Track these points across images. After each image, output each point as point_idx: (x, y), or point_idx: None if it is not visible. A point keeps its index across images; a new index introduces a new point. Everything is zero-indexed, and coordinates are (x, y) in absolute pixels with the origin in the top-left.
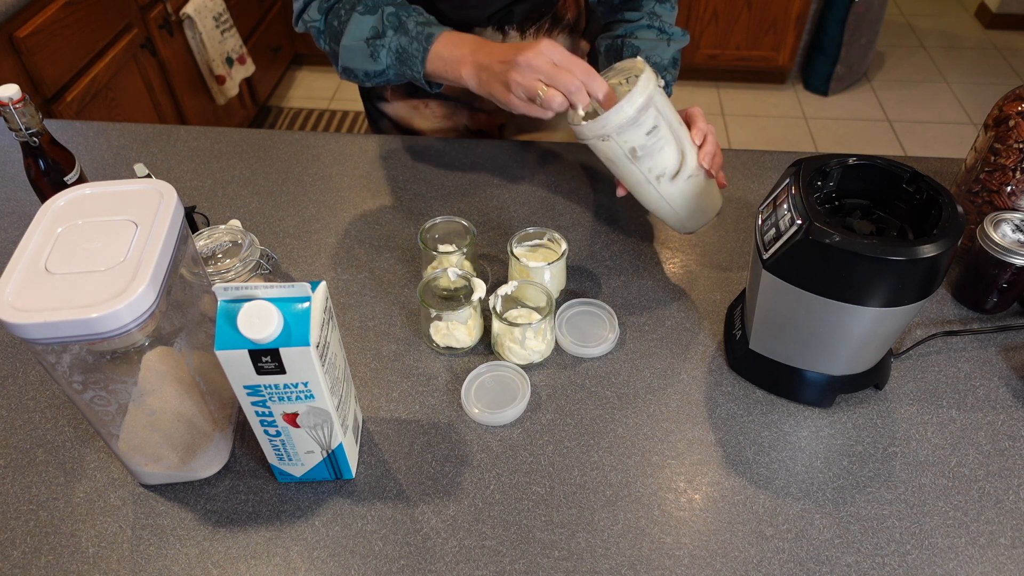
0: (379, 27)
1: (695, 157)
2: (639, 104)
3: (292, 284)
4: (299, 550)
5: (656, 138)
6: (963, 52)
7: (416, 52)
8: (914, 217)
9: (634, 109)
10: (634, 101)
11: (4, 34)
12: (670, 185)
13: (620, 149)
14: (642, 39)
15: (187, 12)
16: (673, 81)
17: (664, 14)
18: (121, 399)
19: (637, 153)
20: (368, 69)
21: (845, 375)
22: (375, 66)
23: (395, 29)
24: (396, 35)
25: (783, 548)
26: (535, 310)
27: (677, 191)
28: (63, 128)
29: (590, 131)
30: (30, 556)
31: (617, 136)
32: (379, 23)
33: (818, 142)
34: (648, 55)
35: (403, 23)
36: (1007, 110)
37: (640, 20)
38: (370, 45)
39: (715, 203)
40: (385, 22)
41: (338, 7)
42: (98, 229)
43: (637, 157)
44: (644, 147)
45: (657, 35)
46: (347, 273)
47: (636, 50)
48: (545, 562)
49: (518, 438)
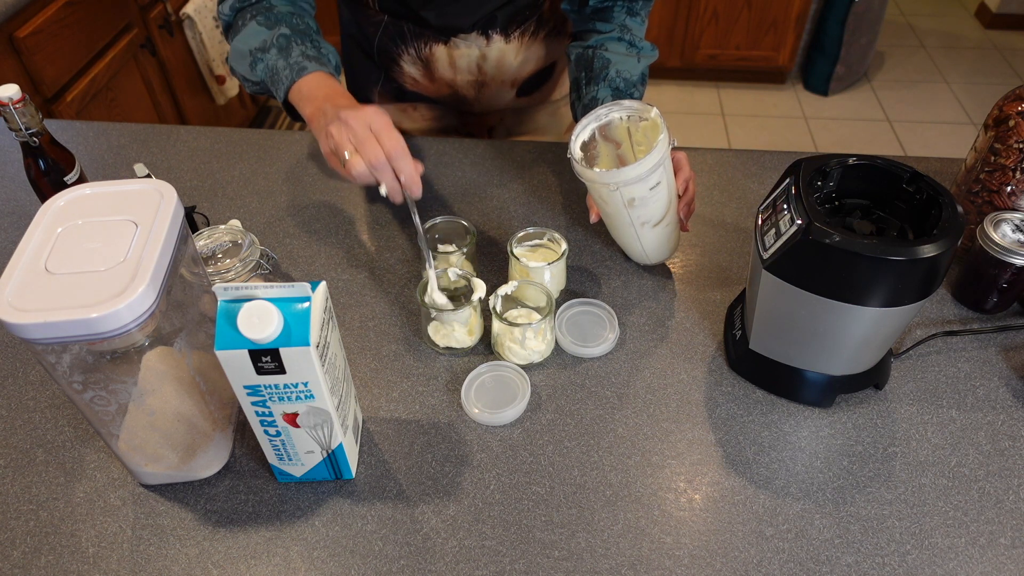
0: (267, 42)
1: (676, 206)
2: (654, 164)
3: (292, 284)
4: (299, 550)
5: (656, 192)
6: (963, 52)
7: (285, 79)
8: (914, 217)
9: (648, 169)
10: (652, 161)
11: (4, 34)
12: (650, 231)
13: (620, 198)
14: (612, 52)
15: (187, 12)
16: (640, 97)
17: (634, 28)
18: (121, 399)
19: (635, 203)
20: (246, 76)
21: (845, 375)
22: (252, 75)
23: (279, 50)
24: (278, 56)
25: (783, 548)
26: (535, 310)
27: (654, 235)
28: (63, 128)
29: (601, 179)
30: (30, 556)
31: (623, 188)
32: (269, 39)
33: (818, 142)
34: (619, 69)
35: (288, 48)
36: (1007, 110)
37: (611, 32)
38: (252, 55)
39: (676, 244)
40: (274, 41)
41: (247, 10)
42: (98, 229)
43: (634, 207)
44: (643, 199)
45: (627, 49)
46: (347, 273)
47: (606, 62)
48: (545, 562)
49: (518, 438)
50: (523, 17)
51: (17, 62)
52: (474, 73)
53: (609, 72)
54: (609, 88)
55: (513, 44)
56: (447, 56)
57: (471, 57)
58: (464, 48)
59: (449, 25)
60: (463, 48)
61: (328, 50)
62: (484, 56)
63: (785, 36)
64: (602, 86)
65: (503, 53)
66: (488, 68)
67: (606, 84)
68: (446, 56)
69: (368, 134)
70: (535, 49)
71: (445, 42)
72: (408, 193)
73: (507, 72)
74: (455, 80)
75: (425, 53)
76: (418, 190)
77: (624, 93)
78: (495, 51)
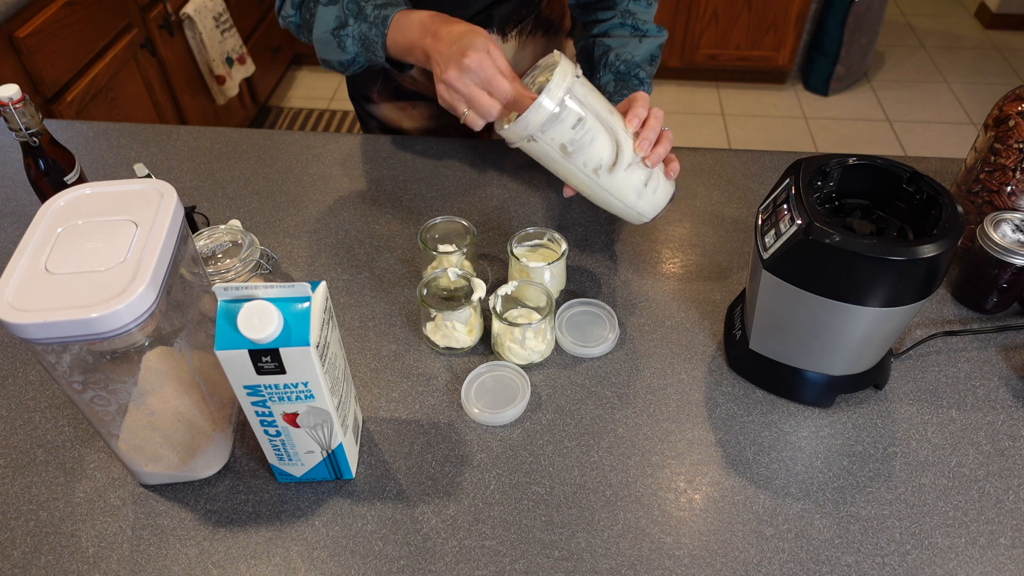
0: (341, 17)
1: (631, 145)
2: (557, 98)
3: (292, 284)
4: (299, 550)
5: (583, 131)
6: (963, 52)
7: (376, 38)
8: (914, 217)
9: (553, 103)
10: (552, 96)
11: (4, 34)
12: (609, 177)
13: (550, 148)
14: (614, 37)
15: (187, 12)
16: (648, 78)
17: (639, 11)
18: (121, 399)
19: (568, 149)
20: (340, 59)
21: (845, 375)
22: (344, 56)
23: (355, 17)
24: (357, 23)
25: (783, 548)
26: (535, 310)
27: (618, 182)
28: (63, 128)
29: (514, 133)
30: (30, 556)
31: (543, 135)
32: (341, 12)
33: (818, 142)
34: (618, 53)
35: (361, 9)
36: (1007, 110)
37: (613, 18)
38: (336, 36)
39: (667, 191)
40: (346, 11)
41: (307, 2)
42: (98, 229)
43: (568, 153)
44: (573, 141)
45: (630, 32)
46: (347, 273)
47: (606, 49)
48: (545, 562)
49: (518, 438)
50: (520, 16)
51: (17, 62)
52: None
53: (609, 57)
54: (611, 73)
55: (511, 42)
56: None
57: None
58: None
59: None
60: None
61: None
62: None
63: (785, 36)
64: (604, 72)
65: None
66: None
67: (607, 70)
68: None
69: (476, 92)
70: (532, 48)
71: None
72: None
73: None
74: None
75: None
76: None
77: (627, 76)
78: None
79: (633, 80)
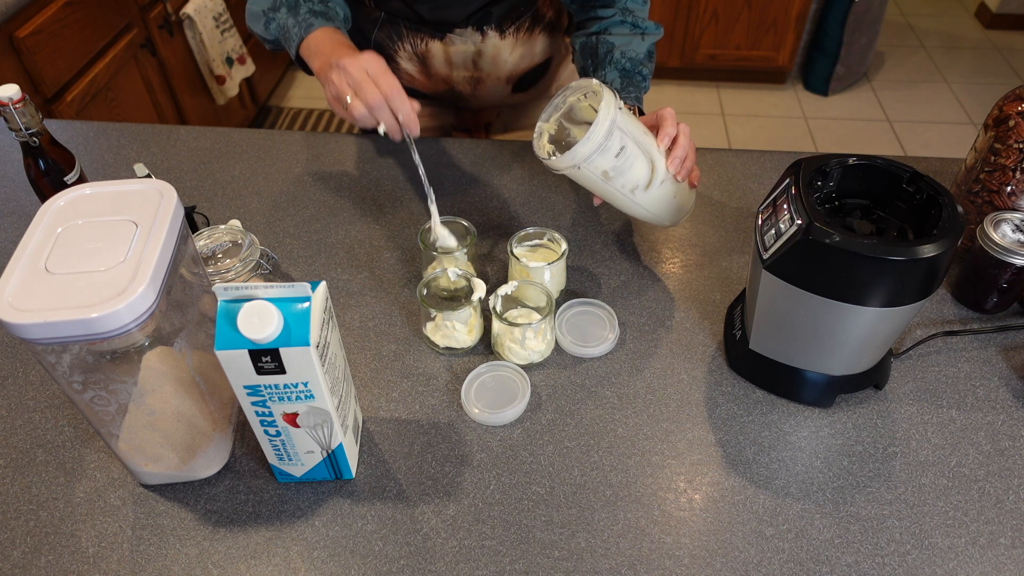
0: (277, 1)
1: (664, 163)
2: (604, 131)
3: (292, 284)
4: (299, 550)
5: (624, 157)
6: (963, 52)
7: (295, 36)
8: (914, 217)
9: (600, 137)
10: (599, 130)
11: (4, 34)
12: (645, 195)
13: (593, 175)
14: (616, 35)
15: (187, 12)
16: (650, 75)
17: (636, 9)
18: (121, 399)
19: (609, 175)
20: (262, 35)
21: (845, 375)
22: (266, 35)
23: (288, 8)
24: (287, 14)
25: (783, 548)
26: (535, 310)
27: (653, 198)
28: (63, 128)
29: (561, 164)
30: (30, 556)
31: (587, 164)
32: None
33: (818, 142)
34: (623, 50)
35: (297, 6)
36: (1007, 110)
37: (613, 16)
38: (265, 15)
39: (690, 199)
40: (283, 0)
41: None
42: (98, 229)
43: (610, 178)
44: (615, 168)
45: (631, 30)
46: (347, 273)
47: (611, 46)
48: (545, 562)
49: (518, 438)
50: (518, 13)
51: (17, 62)
52: (470, 69)
53: (614, 55)
54: (616, 70)
55: (508, 40)
56: (443, 52)
57: (466, 53)
58: (459, 44)
59: (443, 19)
60: (458, 44)
61: (336, 3)
62: (480, 52)
63: (785, 36)
64: (609, 69)
65: (498, 49)
66: (484, 64)
67: (612, 67)
68: (442, 52)
69: (365, 78)
70: (530, 45)
71: (441, 38)
72: (406, 131)
73: (503, 68)
74: (451, 76)
75: (421, 49)
76: (416, 128)
77: (632, 73)
78: (490, 47)
79: (637, 77)
